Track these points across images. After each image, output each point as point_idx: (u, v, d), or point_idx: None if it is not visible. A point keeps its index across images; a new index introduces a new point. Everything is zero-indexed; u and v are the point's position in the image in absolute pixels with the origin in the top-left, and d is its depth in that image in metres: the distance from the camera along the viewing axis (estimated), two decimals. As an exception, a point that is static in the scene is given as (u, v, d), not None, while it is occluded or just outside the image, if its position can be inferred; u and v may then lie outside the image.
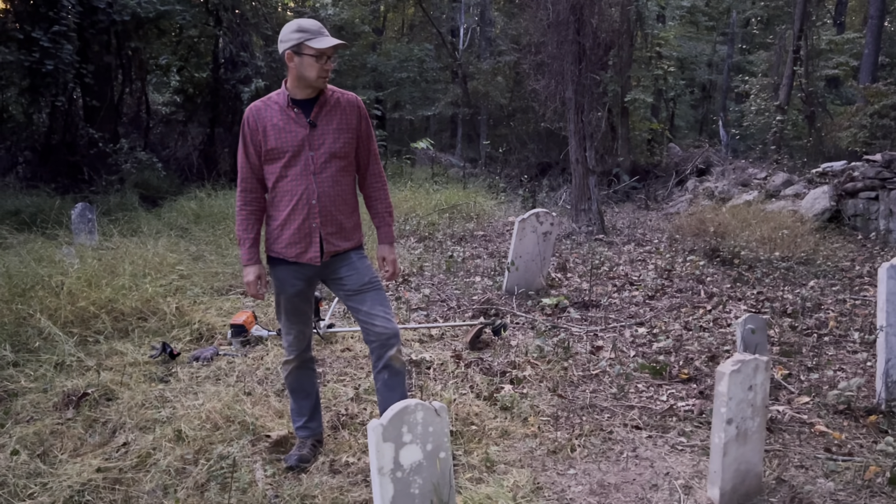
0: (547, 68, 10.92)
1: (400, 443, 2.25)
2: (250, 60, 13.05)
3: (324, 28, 2.91)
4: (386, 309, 3.06)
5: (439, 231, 10.07)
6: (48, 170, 12.34)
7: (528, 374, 4.30)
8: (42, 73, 11.87)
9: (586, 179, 10.51)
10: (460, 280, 7.03)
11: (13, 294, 4.94)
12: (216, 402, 3.81)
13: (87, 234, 8.88)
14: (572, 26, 10.06)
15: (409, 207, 11.42)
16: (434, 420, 2.31)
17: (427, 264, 7.85)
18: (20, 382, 4.09)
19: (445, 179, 15.35)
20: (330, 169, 2.97)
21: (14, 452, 3.21)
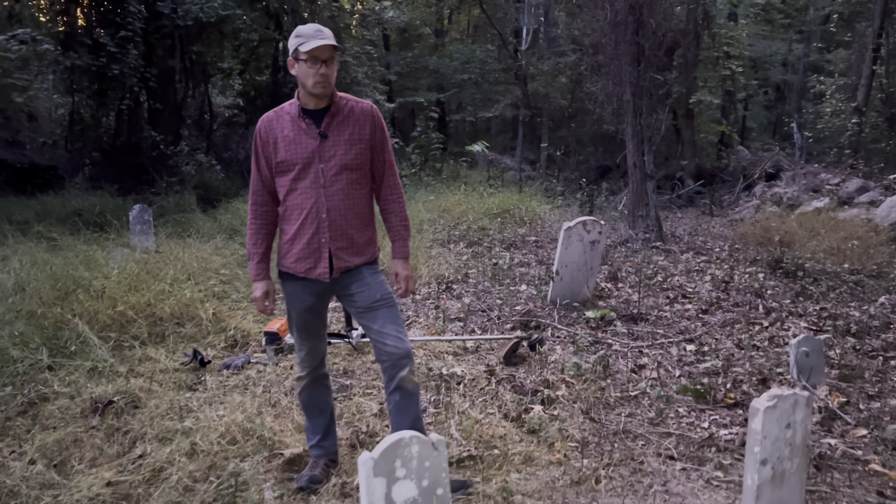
0: (604, 69, 10.61)
1: (392, 478, 2.11)
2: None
3: (324, 32, 2.77)
4: (398, 327, 2.93)
5: (489, 236, 9.89)
6: (113, 171, 12.73)
7: (562, 393, 4.09)
8: (108, 77, 12.26)
9: (644, 184, 10.15)
10: (505, 288, 6.84)
11: (55, 297, 5.03)
12: (239, 413, 3.75)
13: (143, 235, 9.09)
14: (631, 26, 9.73)
15: (461, 211, 11.28)
16: (431, 454, 2.16)
17: (473, 271, 7.70)
18: (53, 387, 4.13)
19: (501, 182, 15.15)
20: (341, 181, 2.85)
21: (31, 462, 3.22)
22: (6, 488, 3.01)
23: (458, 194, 12.45)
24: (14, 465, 3.20)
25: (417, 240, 9.27)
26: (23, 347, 4.47)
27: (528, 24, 22.56)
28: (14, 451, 3.36)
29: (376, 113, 2.97)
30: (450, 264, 7.91)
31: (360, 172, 2.91)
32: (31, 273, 5.50)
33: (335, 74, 2.81)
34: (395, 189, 3.03)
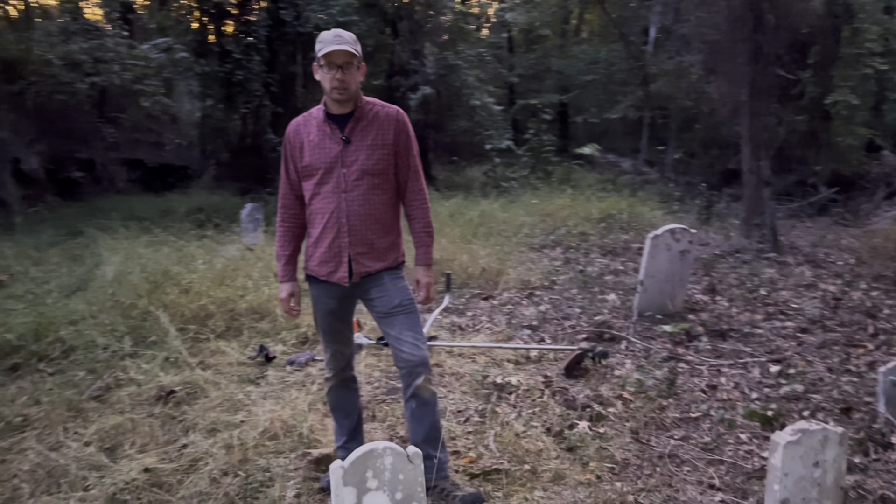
0: (720, 68, 10.03)
1: (363, 488, 2.08)
2: (420, 68, 13.36)
3: (343, 37, 2.78)
4: (416, 335, 2.90)
5: (589, 242, 9.61)
6: (236, 171, 13.50)
7: (614, 410, 3.89)
8: (234, 82, 13.01)
9: (759, 191, 9.51)
10: (592, 297, 6.62)
11: (147, 290, 5.38)
12: (287, 409, 3.85)
13: (252, 232, 9.58)
14: (749, 23, 9.14)
15: (564, 216, 11.05)
16: (405, 467, 2.11)
17: (562, 277, 7.51)
18: (129, 374, 4.42)
19: (614, 186, 14.69)
20: (361, 187, 2.85)
21: (86, 444, 3.46)
22: (60, 467, 3.24)
23: (563, 198, 12.20)
24: (72, 446, 3.45)
25: (511, 243, 9.19)
26: (109, 335, 4.82)
27: (656, 22, 21.74)
28: (77, 433, 3.62)
29: (402, 118, 2.95)
30: (539, 270, 7.75)
31: (383, 178, 2.90)
32: (131, 266, 5.92)
33: (355, 80, 2.80)
34: (419, 195, 3.00)
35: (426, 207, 3.01)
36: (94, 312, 5.20)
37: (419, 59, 13.57)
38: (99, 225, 8.09)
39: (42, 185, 10.81)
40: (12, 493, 3.10)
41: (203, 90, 14.29)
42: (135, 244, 6.85)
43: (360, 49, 2.82)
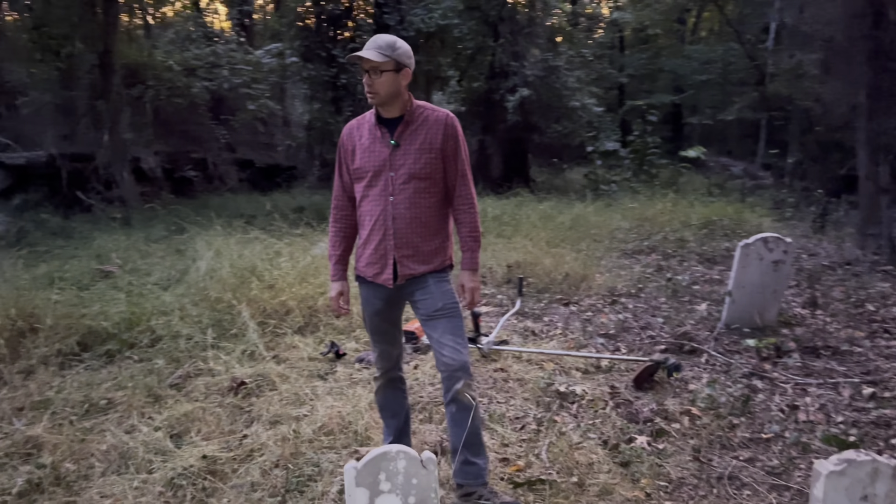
0: (835, 67, 9.39)
1: (376, 490, 2.09)
2: (519, 70, 13.29)
3: (377, 41, 2.82)
4: (457, 339, 2.88)
5: (686, 249, 9.24)
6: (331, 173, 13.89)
7: (679, 426, 3.73)
8: (338, 86, 13.42)
9: (877, 199, 8.82)
10: (681, 307, 6.37)
11: (232, 285, 5.64)
12: (349, 406, 3.94)
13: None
14: (868, 19, 8.49)
15: (664, 221, 10.68)
16: (419, 472, 2.10)
17: (651, 285, 7.26)
18: (208, 364, 4.65)
19: (722, 191, 14.06)
20: (407, 190, 2.87)
21: (156, 429, 3.67)
22: (130, 449, 3.45)
23: (664, 202, 11.79)
24: (143, 430, 3.66)
25: (602, 248, 8.98)
26: (195, 327, 5.09)
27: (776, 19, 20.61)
28: (150, 418, 3.84)
29: (451, 122, 2.93)
30: (627, 277, 7.53)
31: (430, 182, 2.90)
32: (223, 261, 6.22)
33: (385, 85, 2.81)
34: (466, 199, 2.97)
35: (473, 212, 2.98)
36: (185, 304, 5.49)
37: (519, 60, 13.49)
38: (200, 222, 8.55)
39: (159, 183, 11.57)
40: (86, 471, 3.32)
41: (312, 94, 14.83)
42: (231, 240, 7.18)
43: (399, 54, 2.82)
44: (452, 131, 2.92)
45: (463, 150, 2.96)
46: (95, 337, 5.00)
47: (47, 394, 4.12)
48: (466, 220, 2.97)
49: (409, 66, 2.88)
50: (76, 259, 7.40)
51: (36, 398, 4.06)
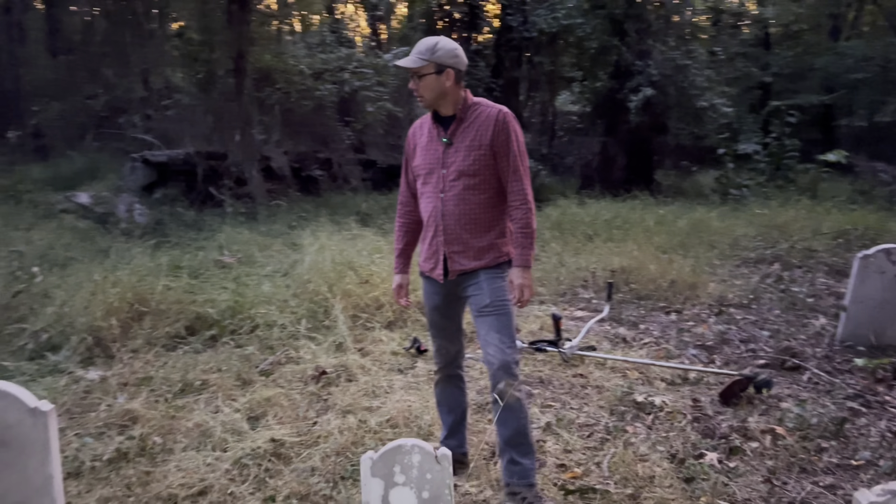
0: None
1: (391, 482, 2.12)
2: (644, 69, 12.87)
3: (418, 46, 2.88)
4: (503, 337, 2.87)
5: (815, 259, 8.59)
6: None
7: (757, 445, 3.49)
8: (460, 87, 13.57)
9: None
10: (796, 320, 5.96)
11: (330, 279, 5.87)
12: (420, 401, 4.01)
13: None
14: None
15: (794, 229, 9.97)
16: (433, 467, 2.11)
17: (767, 296, 6.83)
18: (299, 353, 4.87)
19: (866, 198, 12.93)
20: (457, 187, 2.90)
21: (236, 410, 3.89)
22: (209, 428, 3.69)
23: (797, 209, 11.02)
24: (225, 411, 3.90)
25: (720, 255, 8.54)
26: (291, 317, 5.35)
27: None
28: (234, 400, 4.08)
29: (503, 118, 2.89)
30: (742, 286, 7.11)
31: (479, 178, 2.90)
32: (327, 256, 6.48)
33: (429, 88, 2.85)
34: (518, 196, 2.91)
35: (526, 208, 2.91)
36: (286, 296, 5.78)
37: (644, 59, 13.07)
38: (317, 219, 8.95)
39: (287, 182, 12.21)
40: (170, 445, 3.58)
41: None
42: (339, 236, 7.47)
43: (439, 56, 2.84)
44: (503, 127, 2.88)
45: (515, 146, 2.90)
46: (202, 322, 5.36)
47: (150, 372, 4.47)
48: (518, 216, 2.92)
49: (453, 66, 2.87)
50: (201, 250, 7.95)
51: (139, 375, 4.42)
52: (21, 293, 5.61)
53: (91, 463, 3.35)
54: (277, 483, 3.14)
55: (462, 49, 2.96)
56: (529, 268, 2.94)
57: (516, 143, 2.91)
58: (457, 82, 2.90)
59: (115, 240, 8.13)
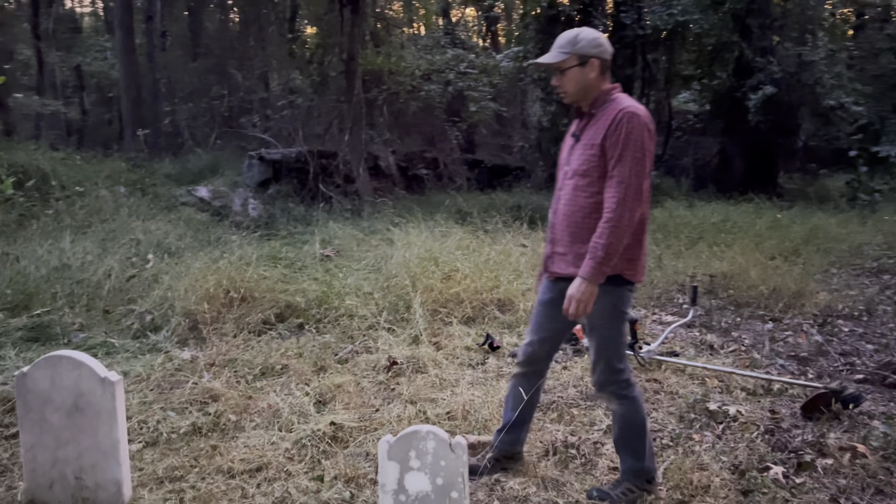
0: None
1: (406, 466, 2.16)
2: (765, 66, 12.20)
3: (557, 41, 2.81)
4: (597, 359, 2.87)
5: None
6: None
7: (831, 463, 3.25)
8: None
9: None
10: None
11: (415, 274, 5.98)
12: (483, 396, 4.03)
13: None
14: None
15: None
16: (447, 454, 2.14)
17: (882, 307, 6.33)
18: (377, 344, 5.02)
19: None
20: (567, 186, 2.84)
21: (306, 394, 4.06)
22: (278, 409, 3.87)
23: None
24: (296, 394, 4.08)
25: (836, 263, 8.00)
26: (374, 309, 5.50)
27: None
28: (306, 384, 4.26)
29: (619, 117, 2.67)
30: (855, 297, 6.62)
31: (588, 180, 2.75)
32: (415, 252, 6.62)
33: (571, 82, 2.78)
34: (609, 201, 2.68)
35: (609, 216, 2.66)
36: (372, 288, 5.96)
37: (766, 56, 12.39)
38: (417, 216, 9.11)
39: (393, 180, 12.52)
40: (244, 423, 3.79)
41: (544, 95, 15.01)
42: (432, 233, 7.59)
43: (581, 47, 2.75)
44: (615, 128, 2.67)
45: (620, 150, 2.65)
46: (292, 311, 5.62)
47: (236, 355, 4.74)
48: (601, 223, 2.69)
49: (597, 55, 2.75)
50: (305, 243, 8.32)
51: (226, 357, 4.69)
52: (134, 277, 6.10)
53: (168, 434, 3.60)
54: (329, 464, 3.26)
55: (602, 38, 2.82)
56: (588, 281, 2.69)
57: (623, 148, 2.66)
58: (601, 73, 2.77)
59: (226, 231, 8.66)
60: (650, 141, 2.70)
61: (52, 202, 7.81)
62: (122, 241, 7.01)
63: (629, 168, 2.65)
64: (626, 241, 2.69)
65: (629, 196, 2.64)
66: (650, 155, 2.71)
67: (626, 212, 2.64)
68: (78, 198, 8.20)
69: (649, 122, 2.71)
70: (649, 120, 2.72)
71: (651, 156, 2.72)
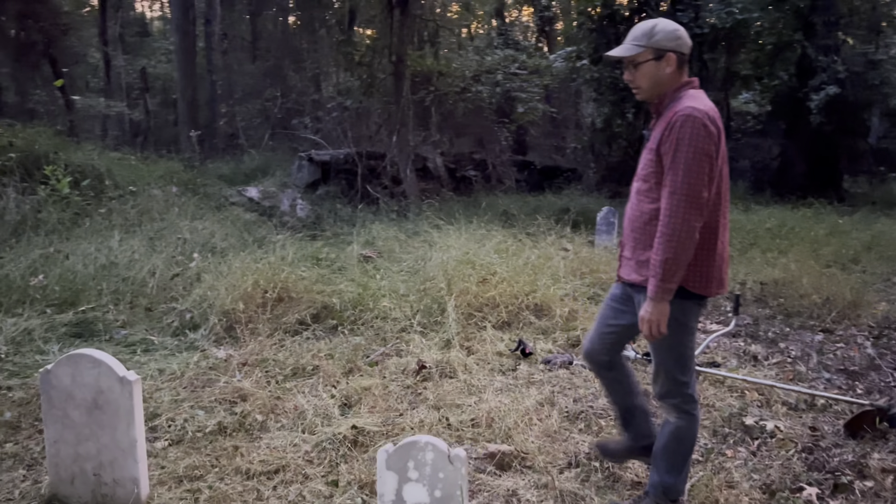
0: None
1: (404, 477, 2.12)
2: (829, 65, 11.72)
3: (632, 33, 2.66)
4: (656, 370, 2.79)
5: None
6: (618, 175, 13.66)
7: (870, 485, 3.07)
8: (619, 87, 13.19)
9: None
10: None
11: (451, 277, 5.94)
12: (510, 403, 3.96)
13: (605, 235, 9.72)
14: None
15: None
16: (445, 466, 2.08)
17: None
18: (408, 347, 4.99)
19: None
20: (633, 190, 2.76)
21: (332, 396, 4.06)
22: (303, 411, 3.88)
23: None
24: (322, 396, 4.08)
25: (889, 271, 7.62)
26: (407, 311, 5.48)
27: None
28: (333, 386, 4.26)
29: (675, 119, 2.49)
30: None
31: (648, 185, 2.64)
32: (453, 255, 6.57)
33: (643, 77, 2.64)
34: (662, 213, 2.51)
35: (661, 230, 2.50)
36: (408, 291, 5.94)
37: (830, 55, 11.90)
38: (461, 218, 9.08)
39: (441, 181, 12.50)
40: (270, 424, 3.81)
41: (597, 95, 14.79)
42: (473, 236, 7.53)
43: (657, 40, 2.58)
44: (669, 133, 2.51)
45: (672, 156, 2.49)
46: (328, 311, 5.64)
47: (270, 355, 4.78)
48: (655, 239, 2.54)
49: (675, 49, 2.59)
50: (349, 244, 8.36)
51: (258, 357, 4.73)
52: (177, 276, 6.22)
53: (193, 433, 3.64)
54: (346, 469, 3.24)
55: (681, 30, 2.64)
56: (654, 300, 2.54)
57: (675, 154, 2.49)
58: (678, 68, 2.61)
59: (271, 231, 8.78)
60: (710, 143, 2.46)
61: (105, 201, 8.05)
62: (170, 240, 7.17)
63: (681, 176, 2.46)
64: (688, 253, 2.49)
65: (681, 207, 2.46)
66: (709, 158, 2.47)
67: (678, 224, 2.45)
68: (130, 197, 8.44)
69: (710, 123, 2.48)
70: (711, 120, 2.48)
71: (710, 159, 2.48)
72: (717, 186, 2.56)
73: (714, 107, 2.57)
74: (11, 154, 7.84)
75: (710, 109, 2.52)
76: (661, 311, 2.54)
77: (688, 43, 2.63)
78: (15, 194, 7.39)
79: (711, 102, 2.59)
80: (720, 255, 2.64)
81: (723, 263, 2.67)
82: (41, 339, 4.86)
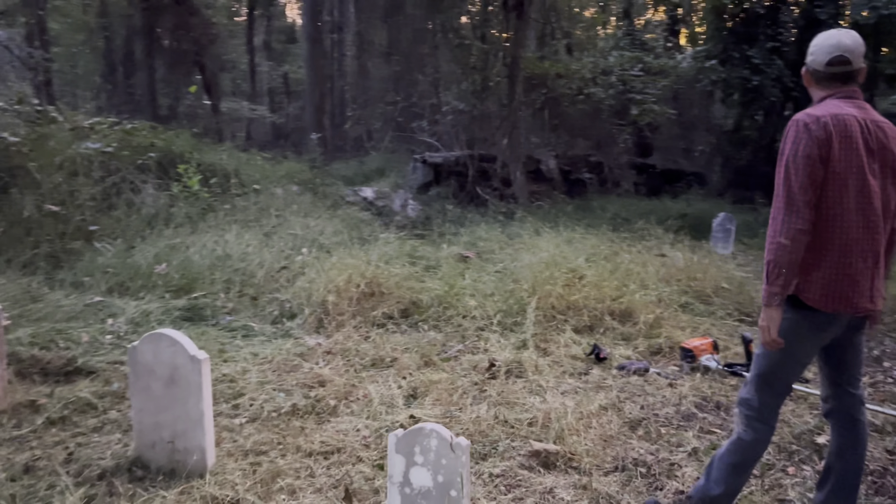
0: None
1: (411, 461, 2.25)
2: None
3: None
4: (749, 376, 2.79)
5: None
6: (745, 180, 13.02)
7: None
8: (749, 88, 12.60)
9: None
10: None
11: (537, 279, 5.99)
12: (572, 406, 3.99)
13: (722, 242, 9.38)
14: None
15: None
16: (448, 454, 2.20)
17: None
18: (485, 344, 5.11)
19: None
20: None
21: (399, 387, 4.25)
22: (371, 399, 4.09)
23: None
24: (391, 386, 4.27)
25: None
26: (489, 310, 5.59)
27: None
28: (405, 378, 4.44)
29: (791, 124, 2.51)
30: None
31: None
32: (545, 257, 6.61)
33: None
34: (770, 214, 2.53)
35: (768, 232, 2.50)
36: (494, 290, 6.05)
37: None
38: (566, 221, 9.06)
39: (554, 184, 12.45)
40: (340, 409, 4.05)
41: (724, 97, 14.20)
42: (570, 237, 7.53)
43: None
44: (783, 138, 2.54)
45: (779, 162, 2.51)
46: (416, 307, 5.86)
47: (354, 346, 5.05)
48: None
49: (806, 64, 2.61)
50: (452, 244, 8.57)
51: (343, 346, 5.02)
52: (284, 269, 6.67)
53: (269, 413, 3.95)
54: (397, 455, 3.41)
55: (824, 44, 2.55)
56: (764, 306, 2.52)
57: (780, 156, 2.51)
58: (815, 84, 2.59)
59: (378, 229, 9.15)
60: (813, 145, 2.39)
61: (229, 198, 8.73)
62: (282, 236, 7.68)
63: (781, 180, 2.47)
64: (789, 257, 2.43)
65: (780, 210, 2.46)
66: (810, 161, 2.40)
67: (778, 227, 2.44)
68: (253, 195, 9.09)
69: (817, 126, 2.40)
70: (821, 124, 2.40)
71: (812, 162, 2.40)
72: (837, 194, 2.45)
73: (840, 114, 2.44)
74: (152, 154, 8.67)
75: (826, 115, 2.43)
76: (769, 315, 2.51)
77: (818, 59, 2.53)
78: (152, 190, 8.18)
79: (845, 110, 2.47)
80: (840, 269, 2.49)
81: (845, 279, 2.48)
82: (156, 320, 5.38)
